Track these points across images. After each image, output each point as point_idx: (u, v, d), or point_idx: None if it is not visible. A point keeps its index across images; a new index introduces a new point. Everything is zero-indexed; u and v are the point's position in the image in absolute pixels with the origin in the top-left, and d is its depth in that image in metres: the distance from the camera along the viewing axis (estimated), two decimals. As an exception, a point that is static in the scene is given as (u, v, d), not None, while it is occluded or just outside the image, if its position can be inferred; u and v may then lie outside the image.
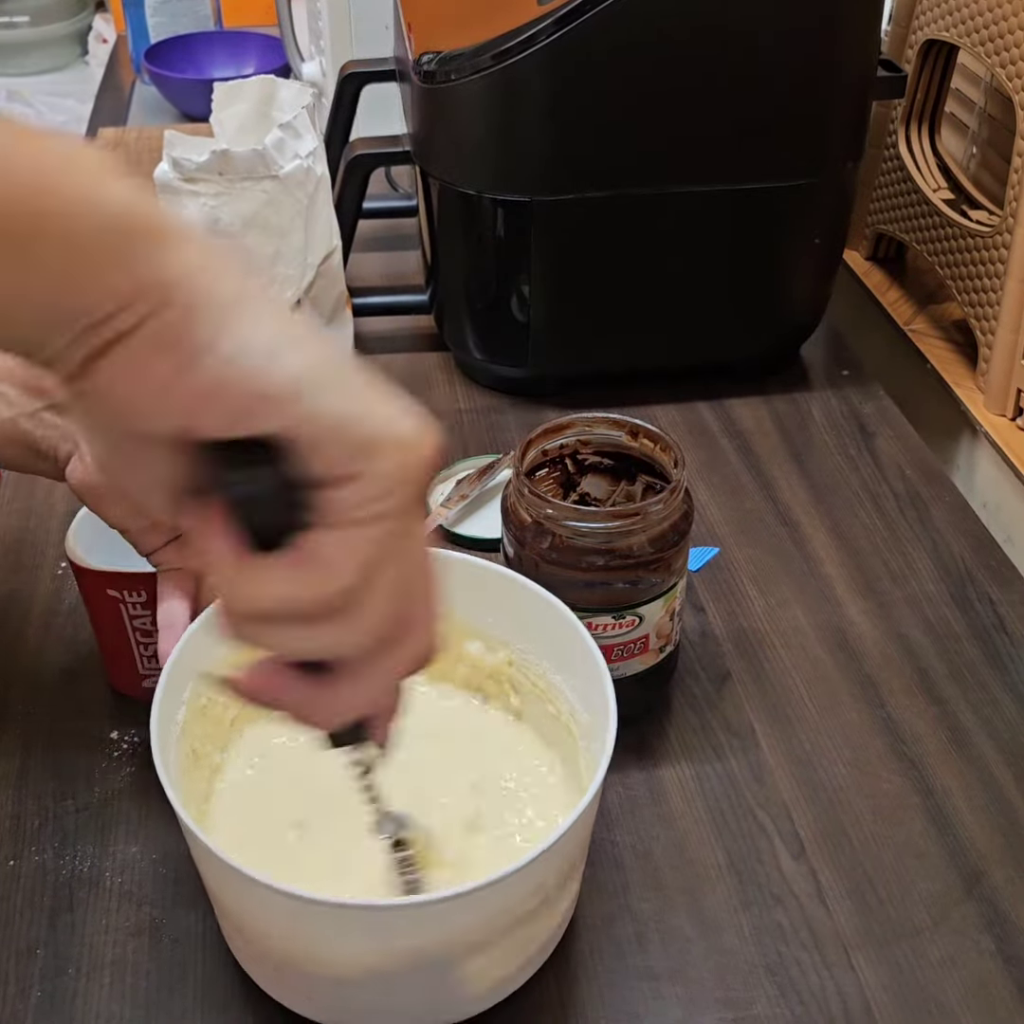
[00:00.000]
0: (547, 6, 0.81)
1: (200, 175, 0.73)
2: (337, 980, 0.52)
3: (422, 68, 0.86)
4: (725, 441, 0.93)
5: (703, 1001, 0.57)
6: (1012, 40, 0.90)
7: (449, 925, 0.50)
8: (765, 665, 0.75)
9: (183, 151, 0.73)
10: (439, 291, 0.97)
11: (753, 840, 0.65)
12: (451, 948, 0.51)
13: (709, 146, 0.87)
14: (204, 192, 0.73)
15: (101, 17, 2.29)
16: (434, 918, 0.49)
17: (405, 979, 0.51)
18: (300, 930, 0.50)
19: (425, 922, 0.49)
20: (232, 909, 0.54)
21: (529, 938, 0.54)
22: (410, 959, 0.50)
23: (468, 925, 0.50)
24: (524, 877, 0.49)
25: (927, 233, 1.06)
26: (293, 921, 0.50)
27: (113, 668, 0.70)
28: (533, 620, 0.61)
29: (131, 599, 0.65)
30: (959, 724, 0.71)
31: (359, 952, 0.51)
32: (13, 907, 0.61)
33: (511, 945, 0.53)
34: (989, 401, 0.97)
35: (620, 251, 0.90)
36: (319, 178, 0.76)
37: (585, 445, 0.69)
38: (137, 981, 0.58)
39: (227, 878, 0.51)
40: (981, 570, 0.82)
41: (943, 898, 0.62)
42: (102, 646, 0.70)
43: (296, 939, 0.51)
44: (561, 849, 0.50)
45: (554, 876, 0.52)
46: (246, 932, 0.54)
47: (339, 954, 0.51)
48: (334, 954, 0.51)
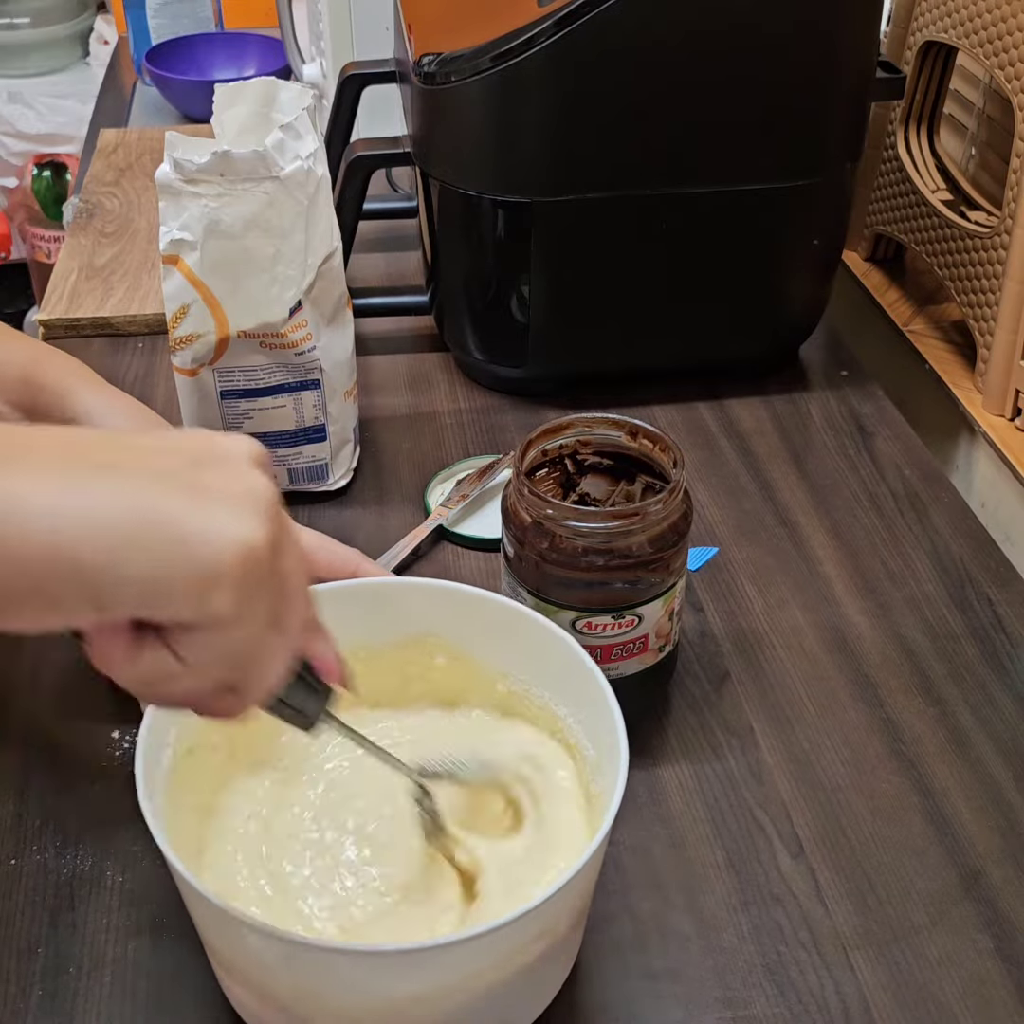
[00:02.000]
0: (547, 8, 0.81)
1: (201, 176, 0.73)
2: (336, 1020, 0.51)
3: (422, 69, 0.86)
4: (724, 441, 0.93)
5: (702, 1000, 0.57)
6: (1011, 41, 0.90)
7: (452, 969, 0.49)
8: (764, 665, 0.75)
9: (184, 152, 0.73)
10: (439, 292, 0.97)
11: (752, 840, 0.65)
12: (453, 992, 0.50)
13: (708, 147, 0.87)
14: (205, 193, 0.73)
15: (102, 18, 2.29)
16: (437, 961, 0.48)
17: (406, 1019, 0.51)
18: (297, 973, 0.49)
19: (427, 966, 0.48)
20: (225, 953, 0.53)
21: (539, 980, 0.54)
22: (411, 1002, 0.49)
23: (470, 970, 0.49)
24: (530, 921, 0.48)
25: (926, 234, 1.06)
26: (288, 964, 0.49)
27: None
28: (536, 651, 0.60)
29: None
30: (958, 724, 0.71)
31: (360, 995, 0.50)
32: (14, 906, 0.61)
33: (518, 987, 0.52)
34: (988, 401, 0.97)
35: (620, 251, 0.91)
36: (320, 179, 0.76)
37: (585, 445, 0.69)
38: (138, 980, 0.58)
39: (220, 922, 0.50)
40: (980, 570, 0.82)
41: (942, 897, 0.62)
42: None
43: (292, 982, 0.50)
44: (568, 894, 0.49)
45: (565, 917, 0.52)
46: (236, 973, 0.53)
47: (338, 997, 0.50)
48: (332, 997, 0.50)
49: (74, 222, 1.18)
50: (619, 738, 0.53)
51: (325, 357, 0.81)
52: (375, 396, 0.97)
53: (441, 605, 0.62)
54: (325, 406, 0.82)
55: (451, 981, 0.49)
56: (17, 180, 2.35)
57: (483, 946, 0.48)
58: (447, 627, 0.62)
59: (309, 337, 0.79)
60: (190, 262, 0.75)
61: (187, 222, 0.74)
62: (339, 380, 0.83)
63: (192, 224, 0.74)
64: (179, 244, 0.74)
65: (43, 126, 2.31)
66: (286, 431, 0.83)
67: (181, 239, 0.74)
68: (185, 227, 0.74)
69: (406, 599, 0.62)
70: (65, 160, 2.32)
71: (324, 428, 0.83)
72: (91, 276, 1.09)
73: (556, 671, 0.59)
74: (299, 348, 0.79)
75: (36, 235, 2.34)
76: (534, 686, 0.61)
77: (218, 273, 0.75)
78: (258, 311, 0.77)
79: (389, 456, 0.91)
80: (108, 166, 1.28)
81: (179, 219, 0.74)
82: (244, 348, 0.78)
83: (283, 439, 0.83)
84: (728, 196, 0.89)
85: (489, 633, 0.61)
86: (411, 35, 0.91)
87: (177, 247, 0.75)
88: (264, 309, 0.77)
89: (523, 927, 0.48)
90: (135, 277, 1.09)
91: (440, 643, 0.63)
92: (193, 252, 0.74)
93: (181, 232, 0.74)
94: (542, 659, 0.60)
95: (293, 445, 0.84)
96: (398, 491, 0.88)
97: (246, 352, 0.79)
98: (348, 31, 1.21)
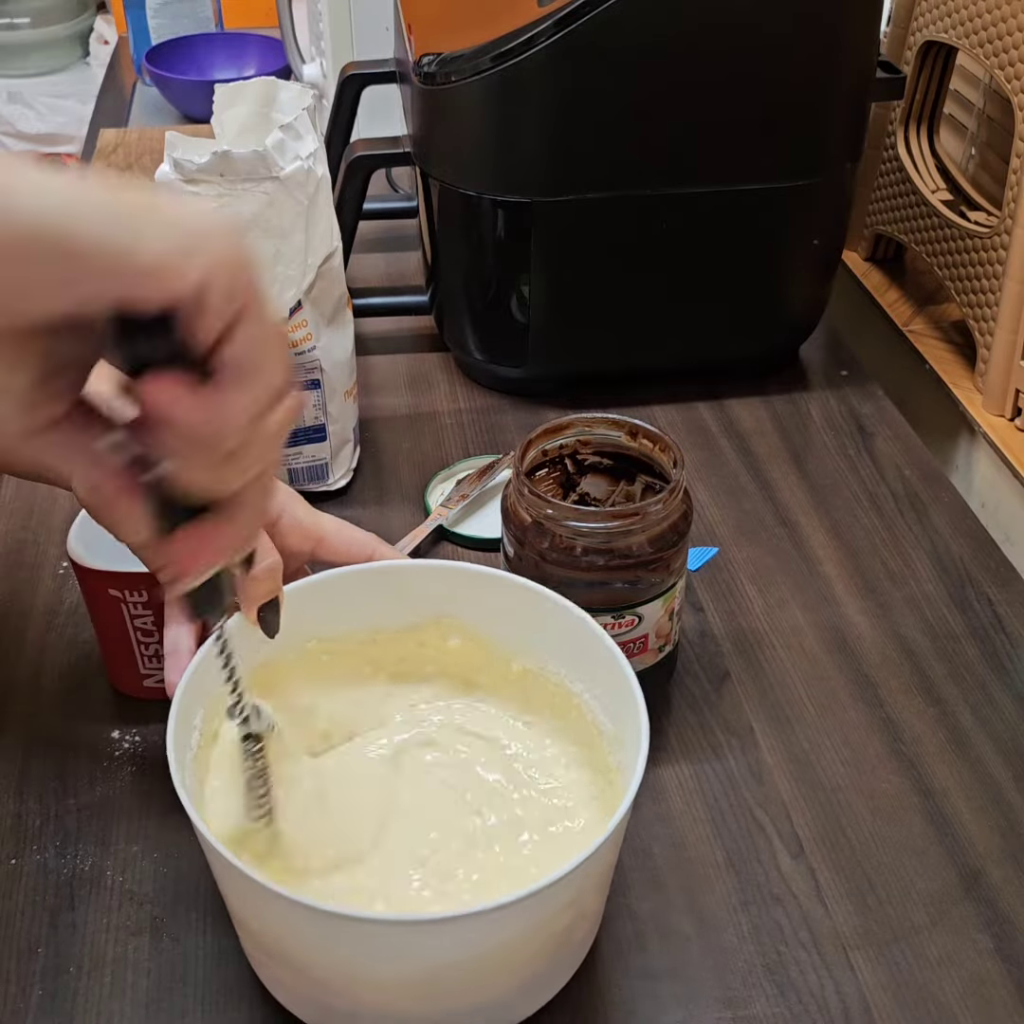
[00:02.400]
0: (547, 7, 0.81)
1: (201, 176, 0.73)
2: (362, 991, 0.52)
3: (422, 70, 0.87)
4: (724, 441, 0.93)
5: (702, 1000, 0.57)
6: (1011, 41, 0.90)
7: (484, 936, 0.49)
8: (764, 665, 0.75)
9: (184, 152, 0.73)
10: (439, 292, 0.98)
11: (752, 839, 0.65)
12: (484, 958, 0.50)
13: (709, 147, 0.87)
14: (205, 193, 0.73)
15: (102, 18, 2.29)
16: (471, 928, 0.49)
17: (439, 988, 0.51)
18: (336, 947, 0.50)
19: (460, 933, 0.49)
20: (256, 927, 0.53)
21: (567, 949, 0.55)
22: (444, 969, 0.50)
23: (502, 937, 0.50)
24: (562, 888, 0.48)
25: (926, 234, 1.06)
26: (330, 938, 0.49)
27: (114, 668, 0.71)
28: (551, 629, 0.61)
29: (132, 599, 0.66)
30: (958, 724, 0.71)
31: (395, 964, 0.50)
32: (14, 906, 0.61)
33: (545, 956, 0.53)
34: (988, 401, 0.97)
35: (620, 251, 0.91)
36: (319, 179, 0.76)
37: (585, 445, 0.69)
38: (138, 980, 0.58)
39: (254, 896, 0.50)
40: (980, 570, 0.82)
41: (942, 897, 0.62)
42: (103, 646, 0.70)
43: (331, 956, 0.50)
44: (596, 863, 0.50)
45: (592, 885, 0.53)
46: (274, 953, 0.53)
47: (373, 968, 0.50)
48: (367, 968, 0.50)
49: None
50: (639, 709, 0.54)
51: (325, 357, 0.81)
52: (375, 396, 0.97)
53: (456, 586, 0.63)
54: (325, 406, 0.82)
55: (483, 949, 0.50)
56: (17, 180, 2.34)
57: (514, 913, 0.48)
58: (461, 608, 0.63)
59: (309, 337, 0.79)
60: None
61: None
62: (339, 380, 0.83)
63: None
64: None
65: (43, 126, 2.31)
66: None
67: None
68: None
69: (422, 581, 0.63)
70: (65, 160, 2.32)
71: (324, 428, 0.83)
72: (91, 276, 1.09)
73: (571, 648, 0.60)
74: (299, 348, 0.79)
75: (36, 235, 2.34)
76: (549, 663, 0.62)
77: None
78: None
79: (389, 456, 0.91)
80: (108, 166, 1.28)
81: None
82: None
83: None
84: (728, 196, 0.89)
85: (504, 613, 0.62)
86: (411, 35, 0.91)
87: None
88: None
89: (555, 894, 0.49)
90: (135, 277, 1.09)
91: (454, 624, 0.64)
92: None
93: None
94: (557, 637, 0.60)
95: (293, 445, 0.84)
96: (398, 491, 0.88)
97: None
98: (348, 31, 1.21)
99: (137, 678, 0.70)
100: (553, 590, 0.61)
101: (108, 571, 0.65)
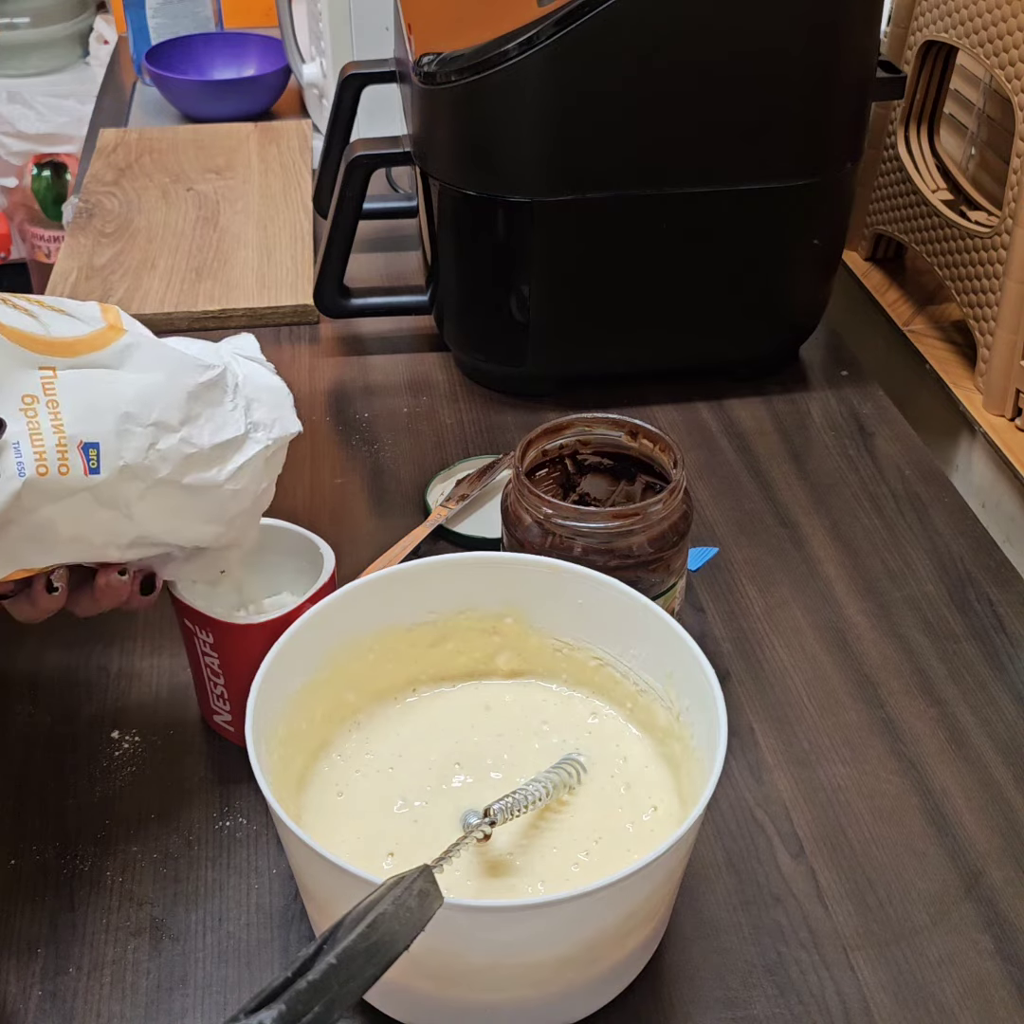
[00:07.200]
0: (547, 7, 0.81)
1: None
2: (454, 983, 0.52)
3: (422, 69, 0.86)
4: (724, 441, 0.93)
5: (702, 1000, 0.57)
6: (1011, 41, 0.90)
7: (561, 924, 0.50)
8: (764, 665, 0.75)
9: None
10: (439, 291, 0.97)
11: (752, 839, 0.65)
12: (555, 945, 0.51)
13: (709, 147, 0.87)
14: None
15: (102, 18, 2.29)
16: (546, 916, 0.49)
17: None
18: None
19: (535, 922, 0.49)
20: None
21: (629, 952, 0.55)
22: (514, 955, 0.50)
23: (576, 926, 0.50)
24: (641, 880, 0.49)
25: (926, 234, 1.06)
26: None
27: (200, 696, 0.69)
28: (618, 620, 0.61)
29: (202, 636, 0.64)
30: (958, 724, 0.71)
31: (469, 951, 0.50)
32: (14, 906, 0.61)
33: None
34: (988, 401, 0.97)
35: (620, 251, 0.91)
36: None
37: (585, 445, 0.69)
38: (137, 980, 0.58)
39: (343, 884, 0.50)
40: (980, 570, 0.82)
41: (942, 898, 0.62)
42: (193, 673, 0.69)
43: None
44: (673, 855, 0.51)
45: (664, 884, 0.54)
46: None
47: (443, 955, 0.50)
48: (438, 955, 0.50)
49: (74, 222, 1.18)
50: (714, 692, 0.54)
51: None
52: (375, 396, 0.97)
53: (518, 579, 0.62)
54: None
55: (554, 936, 0.50)
56: (17, 180, 2.35)
57: (591, 902, 0.48)
58: (525, 601, 0.63)
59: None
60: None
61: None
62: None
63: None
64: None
65: (43, 126, 2.31)
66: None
67: None
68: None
69: (483, 575, 0.63)
70: (65, 160, 2.32)
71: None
72: (91, 276, 1.09)
73: (640, 639, 0.60)
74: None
75: (36, 235, 2.34)
76: (619, 656, 0.62)
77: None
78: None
79: (389, 456, 0.91)
80: (108, 166, 1.28)
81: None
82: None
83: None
84: (728, 196, 0.89)
85: (571, 605, 0.62)
86: (411, 35, 0.91)
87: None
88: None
89: (635, 885, 0.49)
90: (135, 277, 1.09)
91: (517, 615, 0.64)
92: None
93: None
94: (624, 628, 0.61)
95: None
96: (398, 491, 0.88)
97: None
98: (348, 31, 1.21)
99: (209, 711, 0.68)
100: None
101: (183, 603, 0.64)
